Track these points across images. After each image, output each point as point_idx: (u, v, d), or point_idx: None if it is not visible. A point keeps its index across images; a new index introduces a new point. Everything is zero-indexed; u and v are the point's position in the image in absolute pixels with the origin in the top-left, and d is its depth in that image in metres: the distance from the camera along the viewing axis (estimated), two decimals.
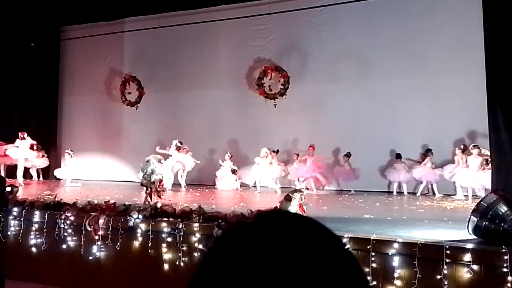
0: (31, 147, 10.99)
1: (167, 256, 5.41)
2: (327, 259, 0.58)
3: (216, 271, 0.58)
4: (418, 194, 9.39)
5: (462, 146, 8.80)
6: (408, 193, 9.57)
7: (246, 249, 0.58)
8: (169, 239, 5.42)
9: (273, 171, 9.88)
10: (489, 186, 7.92)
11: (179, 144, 9.96)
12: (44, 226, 6.21)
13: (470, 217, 4.49)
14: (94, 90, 13.09)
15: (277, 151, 10.23)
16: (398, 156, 9.59)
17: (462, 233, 4.57)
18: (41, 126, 13.24)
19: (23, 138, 10.73)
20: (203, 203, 6.32)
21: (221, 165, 10.67)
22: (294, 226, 0.61)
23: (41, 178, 12.14)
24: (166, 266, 5.40)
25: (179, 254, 5.33)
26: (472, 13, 8.43)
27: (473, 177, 8.32)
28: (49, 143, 12.89)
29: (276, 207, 5.19)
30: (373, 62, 10.21)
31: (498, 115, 6.00)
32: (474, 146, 8.51)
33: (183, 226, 5.39)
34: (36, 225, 6.28)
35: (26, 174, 11.50)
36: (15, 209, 6.40)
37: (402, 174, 9.45)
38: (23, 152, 10.74)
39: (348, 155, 9.76)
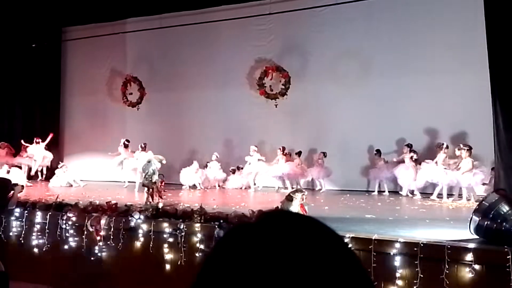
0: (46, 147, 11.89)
1: (168, 256, 5.41)
2: (330, 259, 0.58)
3: (219, 271, 0.59)
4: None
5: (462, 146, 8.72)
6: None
7: (248, 249, 0.58)
8: (171, 240, 5.42)
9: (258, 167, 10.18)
10: (462, 184, 8.13)
11: (126, 143, 10.55)
12: (46, 227, 6.22)
13: (471, 217, 4.48)
14: (95, 90, 13.10)
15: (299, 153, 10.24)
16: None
17: (463, 233, 4.56)
18: (43, 127, 13.26)
19: (38, 143, 11.63)
20: (205, 203, 6.32)
21: (207, 166, 10.66)
22: (296, 226, 0.61)
23: (43, 177, 12.21)
24: (167, 267, 5.41)
25: (181, 255, 5.33)
26: (474, 11, 8.43)
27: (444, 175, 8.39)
28: (52, 144, 12.90)
29: (277, 207, 5.19)
30: (374, 61, 10.20)
31: (501, 114, 6.00)
32: (444, 145, 8.63)
33: (184, 226, 5.39)
34: (38, 226, 6.29)
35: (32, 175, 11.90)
36: (17, 209, 6.41)
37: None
38: (40, 154, 11.65)
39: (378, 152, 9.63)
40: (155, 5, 11.56)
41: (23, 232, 6.36)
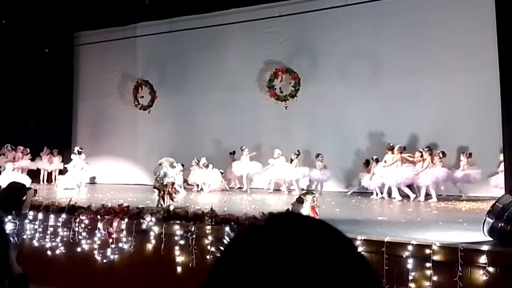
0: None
1: (180, 258, 5.43)
2: (338, 262, 0.58)
3: (228, 273, 0.59)
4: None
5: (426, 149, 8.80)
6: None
7: (257, 251, 0.58)
8: (182, 242, 5.44)
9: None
10: (419, 183, 8.53)
11: (79, 150, 11.51)
12: (59, 230, 6.29)
13: (485, 219, 4.42)
14: (107, 94, 13.25)
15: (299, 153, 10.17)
16: None
17: (477, 235, 4.50)
18: (56, 130, 13.46)
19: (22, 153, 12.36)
20: (215, 205, 6.33)
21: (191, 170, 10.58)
22: (305, 229, 0.61)
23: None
24: (179, 269, 5.43)
25: (192, 257, 5.34)
26: (484, 12, 8.34)
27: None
28: (64, 147, 13.09)
29: (288, 209, 5.18)
30: (384, 62, 10.14)
31: (511, 114, 5.91)
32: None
33: (195, 228, 5.41)
34: (51, 229, 6.36)
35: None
36: (31, 212, 6.48)
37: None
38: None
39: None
40: (165, 9, 11.65)
41: (37, 235, 6.43)
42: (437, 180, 8.50)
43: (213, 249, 5.22)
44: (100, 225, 5.94)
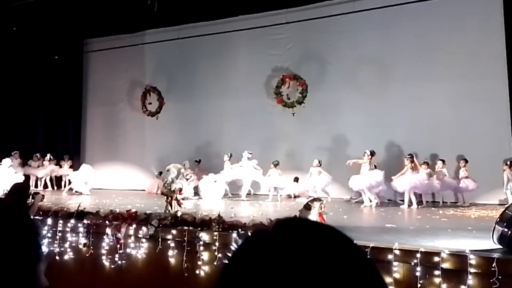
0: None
1: (187, 264, 5.43)
2: (348, 268, 0.58)
3: (236, 279, 0.59)
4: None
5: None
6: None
7: (265, 256, 0.58)
8: (189, 248, 5.44)
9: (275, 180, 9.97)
10: (397, 189, 8.81)
11: (51, 157, 12.21)
12: (68, 235, 6.33)
13: (495, 226, 4.38)
14: (116, 101, 13.35)
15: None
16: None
17: (486, 243, 4.46)
18: (66, 136, 13.60)
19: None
20: (223, 212, 6.34)
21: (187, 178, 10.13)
22: (313, 234, 0.61)
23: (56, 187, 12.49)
24: (186, 275, 5.43)
25: (199, 263, 5.34)
26: (493, 18, 8.33)
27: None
28: (74, 153, 13.20)
29: (296, 216, 5.16)
30: (392, 68, 10.12)
31: None
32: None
33: (202, 235, 5.41)
34: (60, 234, 6.40)
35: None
36: (39, 218, 6.53)
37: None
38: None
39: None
40: (173, 16, 11.73)
41: (45, 240, 6.47)
42: (412, 187, 8.64)
43: (220, 255, 5.22)
44: (108, 230, 5.97)
